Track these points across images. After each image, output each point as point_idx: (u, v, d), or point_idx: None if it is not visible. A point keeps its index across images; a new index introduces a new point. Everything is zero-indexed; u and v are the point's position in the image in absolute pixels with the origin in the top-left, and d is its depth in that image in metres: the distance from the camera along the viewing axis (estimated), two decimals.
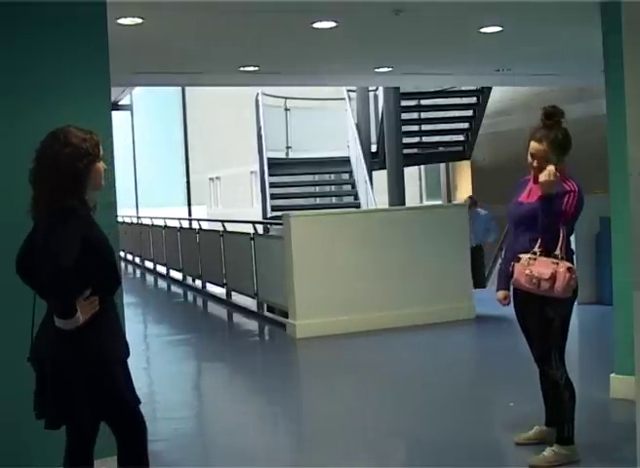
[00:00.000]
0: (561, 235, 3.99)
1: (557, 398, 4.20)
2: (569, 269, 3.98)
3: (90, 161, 3.05)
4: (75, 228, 2.95)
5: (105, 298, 3.10)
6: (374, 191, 13.36)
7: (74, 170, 3.00)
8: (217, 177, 31.74)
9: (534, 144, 4.09)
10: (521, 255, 4.08)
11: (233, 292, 11.12)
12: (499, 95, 14.58)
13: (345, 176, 14.82)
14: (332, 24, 6.21)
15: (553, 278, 3.97)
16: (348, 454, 4.67)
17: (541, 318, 4.12)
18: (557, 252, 4.00)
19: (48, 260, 2.89)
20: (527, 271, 4.02)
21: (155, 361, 7.69)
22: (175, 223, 14.92)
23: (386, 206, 13.01)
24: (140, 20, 5.71)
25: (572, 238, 4.21)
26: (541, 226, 4.04)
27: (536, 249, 4.04)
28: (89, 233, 3.02)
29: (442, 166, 17.79)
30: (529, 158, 4.14)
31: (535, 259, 4.02)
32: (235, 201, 28.50)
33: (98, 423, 3.16)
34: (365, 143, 14.06)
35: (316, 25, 6.21)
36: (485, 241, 11.85)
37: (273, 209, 12.95)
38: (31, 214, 3.08)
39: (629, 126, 3.44)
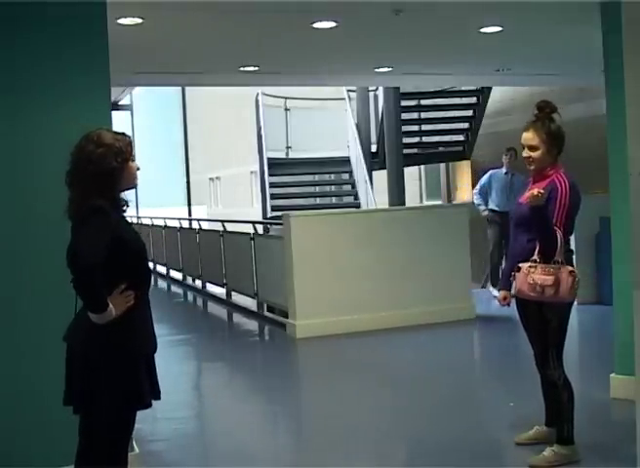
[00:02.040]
0: (559, 239, 3.98)
1: (556, 398, 4.21)
2: (571, 273, 3.99)
3: (124, 159, 3.12)
4: (103, 227, 2.99)
5: (138, 294, 3.14)
6: (374, 191, 13.35)
7: (109, 168, 3.06)
8: (217, 177, 31.74)
9: (523, 134, 4.16)
10: (521, 265, 4.08)
11: (233, 292, 11.12)
12: (499, 95, 14.57)
13: (345, 176, 14.81)
14: (332, 24, 6.21)
15: (557, 284, 3.97)
16: (348, 454, 4.67)
17: (540, 319, 4.13)
18: (557, 257, 4.00)
19: (75, 258, 2.94)
20: (529, 280, 4.02)
21: (155, 361, 7.67)
22: (175, 223, 14.92)
23: (386, 206, 13.00)
24: (139, 20, 5.71)
25: (571, 238, 4.21)
26: (536, 235, 4.04)
27: (535, 256, 4.03)
28: (119, 232, 3.06)
29: (442, 166, 17.77)
30: (522, 151, 4.18)
31: (535, 267, 4.02)
32: (235, 201, 28.50)
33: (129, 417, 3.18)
34: (365, 143, 14.04)
35: (316, 25, 6.20)
36: None
37: (273, 209, 12.94)
38: (67, 215, 3.10)
39: (629, 126, 3.45)
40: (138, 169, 3.23)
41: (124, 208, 3.19)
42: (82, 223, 3.00)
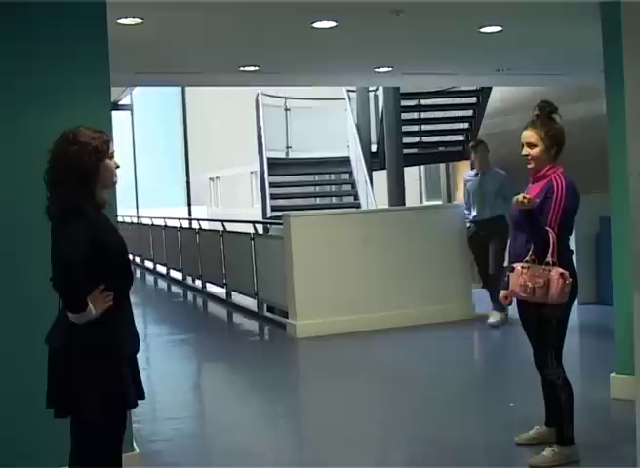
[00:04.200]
0: (551, 241, 3.98)
1: (555, 398, 4.21)
2: (562, 275, 3.98)
3: (98, 158, 3.08)
4: (82, 226, 2.98)
5: (119, 295, 3.13)
6: (374, 191, 13.35)
7: (82, 167, 3.04)
8: (217, 177, 31.76)
9: (523, 132, 4.17)
10: (515, 265, 4.11)
11: (233, 292, 11.12)
12: (499, 95, 14.57)
13: (345, 176, 14.82)
14: (332, 24, 6.20)
15: (547, 285, 3.98)
16: (348, 454, 4.67)
17: (539, 319, 4.13)
18: (549, 258, 4.00)
19: (55, 258, 2.95)
20: (520, 281, 4.05)
21: (155, 361, 7.69)
22: (175, 223, 14.93)
23: (386, 206, 13.00)
24: (140, 20, 5.71)
25: (571, 238, 4.21)
26: (530, 235, 4.05)
27: (528, 258, 4.05)
28: (99, 232, 3.05)
29: (442, 166, 17.78)
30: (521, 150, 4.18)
31: (528, 268, 4.04)
32: (235, 201, 28.52)
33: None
34: (365, 143, 14.05)
35: (316, 25, 6.20)
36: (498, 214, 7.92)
37: (273, 209, 12.95)
38: (47, 215, 3.10)
39: (629, 126, 3.45)
40: (117, 166, 3.19)
41: (103, 206, 3.16)
42: (62, 223, 2.99)
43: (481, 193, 8.15)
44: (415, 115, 15.00)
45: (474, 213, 8.22)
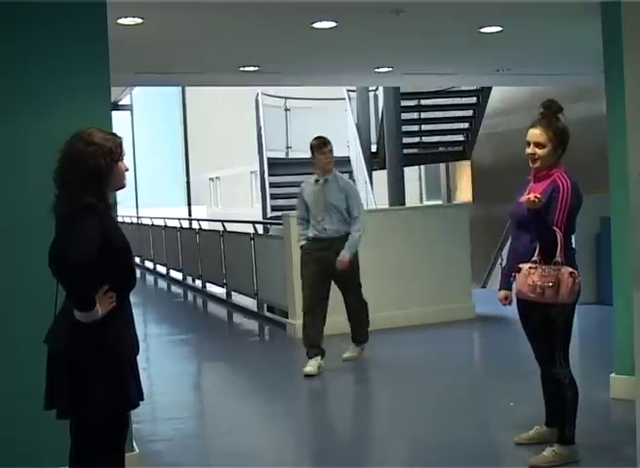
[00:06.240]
0: (559, 240, 3.98)
1: (560, 397, 4.21)
2: (571, 274, 3.98)
3: (112, 159, 3.11)
4: (94, 224, 2.99)
5: (122, 295, 3.14)
6: (374, 191, 13.35)
7: (97, 167, 3.05)
8: (217, 177, 31.76)
9: (530, 130, 4.14)
10: (521, 265, 4.08)
11: (233, 293, 11.12)
12: (499, 95, 14.59)
13: (345, 177, 14.81)
14: (332, 24, 6.21)
15: (557, 285, 3.97)
16: (348, 454, 4.67)
17: (545, 319, 4.12)
18: (557, 258, 3.99)
19: (67, 254, 2.93)
20: (529, 281, 4.01)
21: (155, 361, 7.69)
22: (175, 223, 14.94)
23: (386, 206, 13.00)
24: (140, 20, 5.71)
25: (573, 236, 4.20)
26: (536, 235, 4.04)
27: (535, 257, 4.03)
28: (108, 231, 3.06)
29: (442, 166, 17.79)
30: (526, 148, 4.15)
31: (535, 268, 4.01)
32: (235, 201, 28.52)
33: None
34: (365, 143, 14.07)
35: (316, 25, 6.21)
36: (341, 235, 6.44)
37: (273, 209, 12.96)
38: (54, 212, 3.10)
39: (629, 125, 3.45)
40: (126, 169, 3.22)
41: (112, 207, 3.19)
42: (74, 221, 2.99)
43: (323, 204, 6.50)
44: (415, 115, 15.01)
45: (313, 229, 6.52)
